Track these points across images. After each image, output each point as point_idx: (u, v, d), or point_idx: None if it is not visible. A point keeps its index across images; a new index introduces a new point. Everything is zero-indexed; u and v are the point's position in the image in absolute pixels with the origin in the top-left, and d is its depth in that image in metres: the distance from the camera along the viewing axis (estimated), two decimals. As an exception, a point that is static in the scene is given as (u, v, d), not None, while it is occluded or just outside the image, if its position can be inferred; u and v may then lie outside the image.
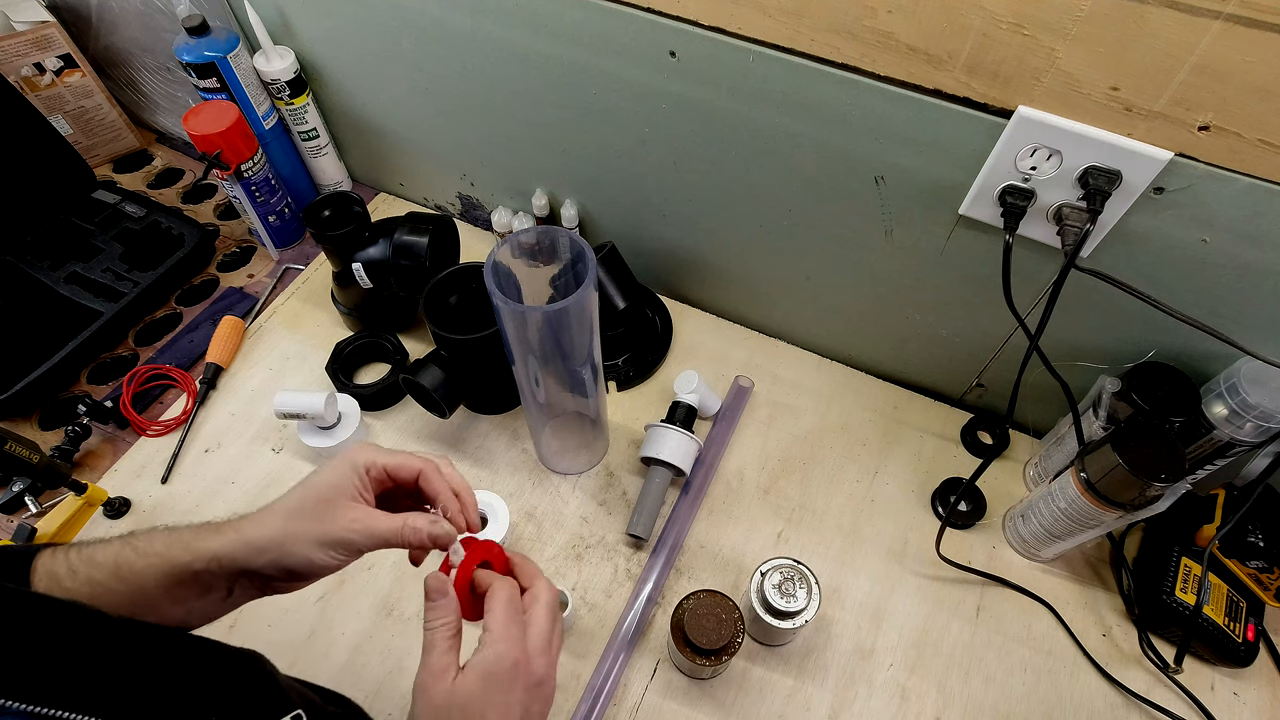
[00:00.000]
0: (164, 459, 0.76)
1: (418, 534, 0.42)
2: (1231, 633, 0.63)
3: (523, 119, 0.77)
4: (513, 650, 0.40)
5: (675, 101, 0.66)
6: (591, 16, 0.63)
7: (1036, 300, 0.65)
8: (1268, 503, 0.67)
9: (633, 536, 0.70)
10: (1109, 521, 0.61)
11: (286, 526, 0.41)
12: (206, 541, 0.41)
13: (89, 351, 0.83)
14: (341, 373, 0.80)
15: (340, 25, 0.78)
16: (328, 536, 0.41)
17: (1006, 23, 0.48)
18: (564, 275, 0.61)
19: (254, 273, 0.93)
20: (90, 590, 0.39)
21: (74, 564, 0.40)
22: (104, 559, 0.40)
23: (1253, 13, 0.42)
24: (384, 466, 0.44)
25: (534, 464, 0.77)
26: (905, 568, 0.71)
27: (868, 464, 0.77)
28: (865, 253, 0.70)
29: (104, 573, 0.40)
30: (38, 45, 0.90)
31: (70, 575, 0.40)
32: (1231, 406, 0.59)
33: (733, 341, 0.87)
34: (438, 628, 0.41)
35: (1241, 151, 0.48)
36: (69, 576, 0.40)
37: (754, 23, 0.57)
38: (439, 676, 0.39)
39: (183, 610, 0.42)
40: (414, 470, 0.45)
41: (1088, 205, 0.53)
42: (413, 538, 0.42)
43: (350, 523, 0.41)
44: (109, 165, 1.03)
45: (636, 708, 0.62)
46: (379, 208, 1.01)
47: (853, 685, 0.64)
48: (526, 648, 0.41)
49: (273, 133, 0.88)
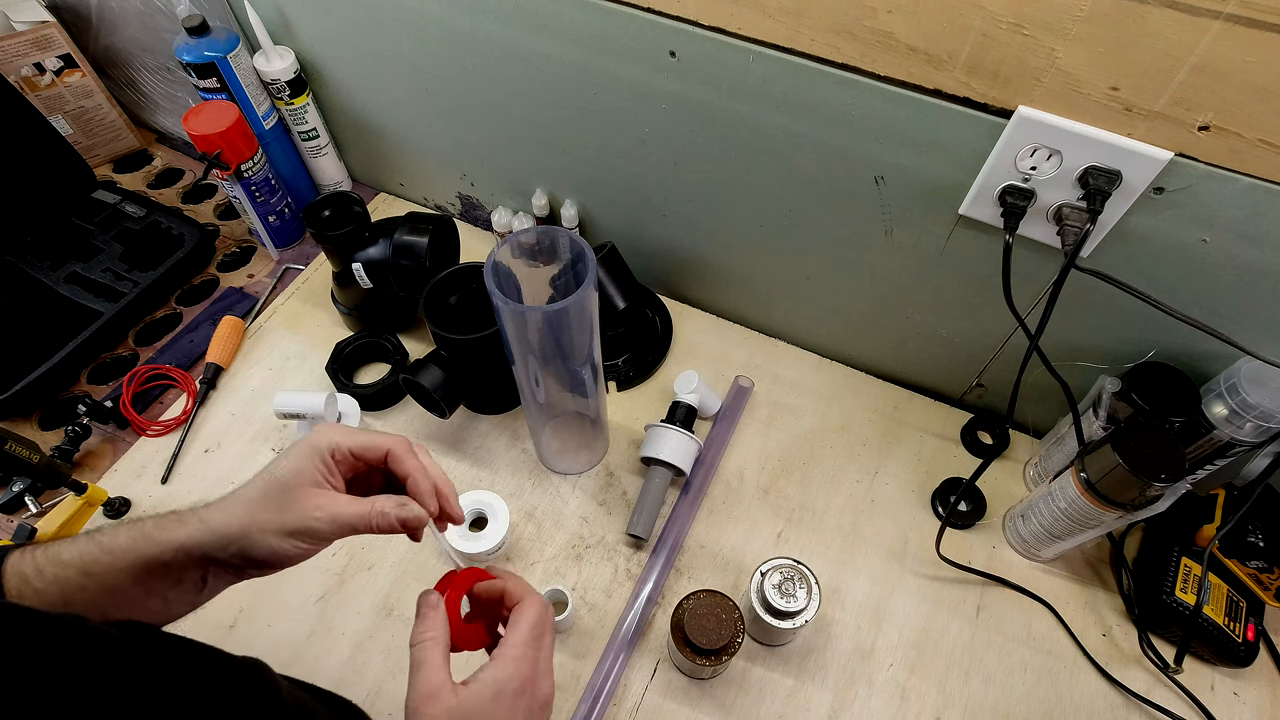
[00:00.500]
0: (164, 459, 0.76)
1: (385, 518, 0.40)
2: (1231, 633, 0.63)
3: (523, 119, 0.77)
4: (525, 670, 0.40)
5: (675, 101, 0.66)
6: (591, 16, 0.63)
7: (1036, 300, 0.65)
8: (1268, 503, 0.67)
9: (633, 536, 0.70)
10: (1109, 521, 0.61)
11: (249, 516, 0.40)
12: (172, 533, 0.40)
13: (89, 351, 0.83)
14: (341, 373, 0.80)
15: (340, 25, 0.78)
16: (290, 525, 0.39)
17: (1006, 23, 0.48)
18: (564, 275, 0.61)
19: (254, 273, 0.93)
20: (60, 590, 0.38)
21: (41, 564, 0.39)
22: (70, 558, 0.39)
23: (1253, 13, 0.42)
24: (349, 449, 0.42)
25: (534, 464, 0.77)
26: (905, 568, 0.71)
27: (868, 464, 0.77)
28: (865, 253, 0.70)
29: (72, 571, 0.39)
30: (38, 45, 0.90)
31: (38, 576, 0.39)
32: (1231, 406, 0.59)
33: (733, 341, 0.87)
34: (426, 642, 0.39)
35: (1241, 151, 0.48)
36: (37, 577, 0.39)
37: (754, 23, 0.57)
38: (433, 697, 0.37)
39: (160, 602, 0.41)
40: (381, 450, 0.43)
41: (1088, 205, 0.53)
42: (380, 522, 0.40)
43: (313, 510, 0.39)
44: (109, 165, 1.04)
45: (636, 708, 0.62)
46: (379, 208, 1.01)
47: (853, 685, 0.64)
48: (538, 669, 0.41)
49: (273, 133, 0.88)
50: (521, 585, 0.44)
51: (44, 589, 0.38)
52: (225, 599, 0.45)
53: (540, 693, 0.40)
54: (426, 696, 0.37)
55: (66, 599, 0.39)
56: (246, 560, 0.40)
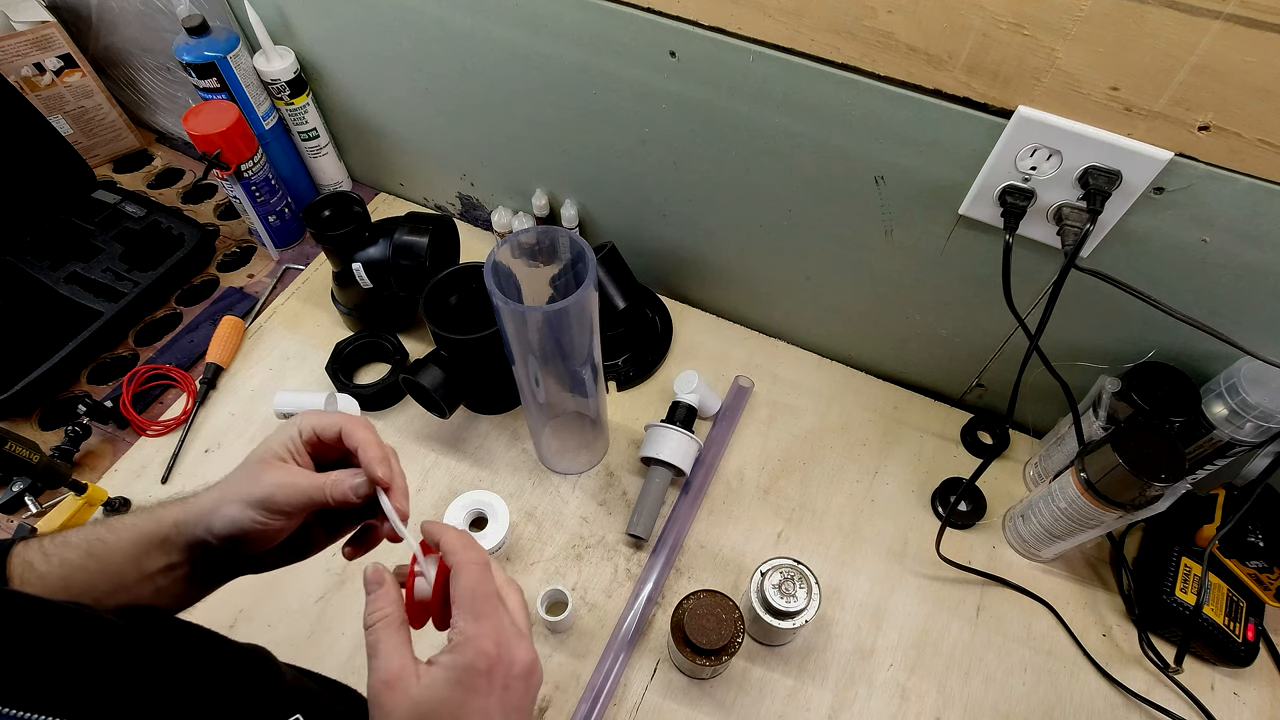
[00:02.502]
0: (164, 459, 0.76)
1: (338, 486, 0.41)
2: (1231, 633, 0.63)
3: (523, 119, 0.77)
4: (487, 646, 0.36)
5: (675, 101, 0.66)
6: (591, 16, 0.63)
7: (1036, 300, 0.65)
8: (1268, 503, 0.67)
9: (633, 536, 0.70)
10: (1109, 521, 0.61)
11: (221, 491, 0.41)
12: (170, 510, 0.42)
13: (89, 351, 0.83)
14: (341, 373, 0.80)
15: (340, 25, 0.78)
16: (252, 496, 0.40)
17: (1006, 23, 0.48)
18: (564, 275, 0.61)
19: (254, 273, 0.93)
20: (63, 572, 0.39)
21: (48, 549, 0.40)
22: (78, 540, 0.41)
23: (1253, 13, 0.42)
24: (313, 427, 0.43)
25: (534, 464, 0.77)
26: (905, 568, 0.71)
27: (868, 464, 0.77)
28: (865, 253, 0.70)
29: (77, 553, 0.40)
30: (38, 45, 0.90)
31: (44, 560, 0.40)
32: (1231, 406, 0.59)
33: (733, 341, 0.87)
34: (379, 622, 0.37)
35: (1241, 151, 0.48)
36: (43, 561, 0.40)
37: (754, 23, 0.57)
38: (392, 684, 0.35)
39: (150, 588, 0.41)
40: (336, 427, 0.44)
41: (1088, 205, 0.53)
42: (335, 491, 0.41)
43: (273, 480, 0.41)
44: (109, 165, 1.04)
45: (636, 708, 0.62)
46: (379, 208, 1.01)
47: (853, 685, 0.64)
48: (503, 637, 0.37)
49: (273, 133, 0.88)
50: (453, 546, 0.40)
51: (47, 572, 0.39)
52: (225, 599, 0.45)
53: (516, 661, 0.37)
54: (386, 684, 0.35)
55: (67, 581, 0.39)
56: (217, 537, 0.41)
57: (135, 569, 0.41)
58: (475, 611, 0.37)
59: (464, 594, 0.38)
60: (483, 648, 0.36)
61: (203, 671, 0.37)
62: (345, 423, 0.44)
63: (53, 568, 0.39)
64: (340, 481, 0.41)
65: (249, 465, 0.42)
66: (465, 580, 0.38)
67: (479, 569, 0.39)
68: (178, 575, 0.42)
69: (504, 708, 0.37)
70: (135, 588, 0.41)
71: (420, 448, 0.77)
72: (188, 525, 0.41)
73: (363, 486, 0.42)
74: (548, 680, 0.63)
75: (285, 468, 0.42)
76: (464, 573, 0.39)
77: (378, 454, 0.42)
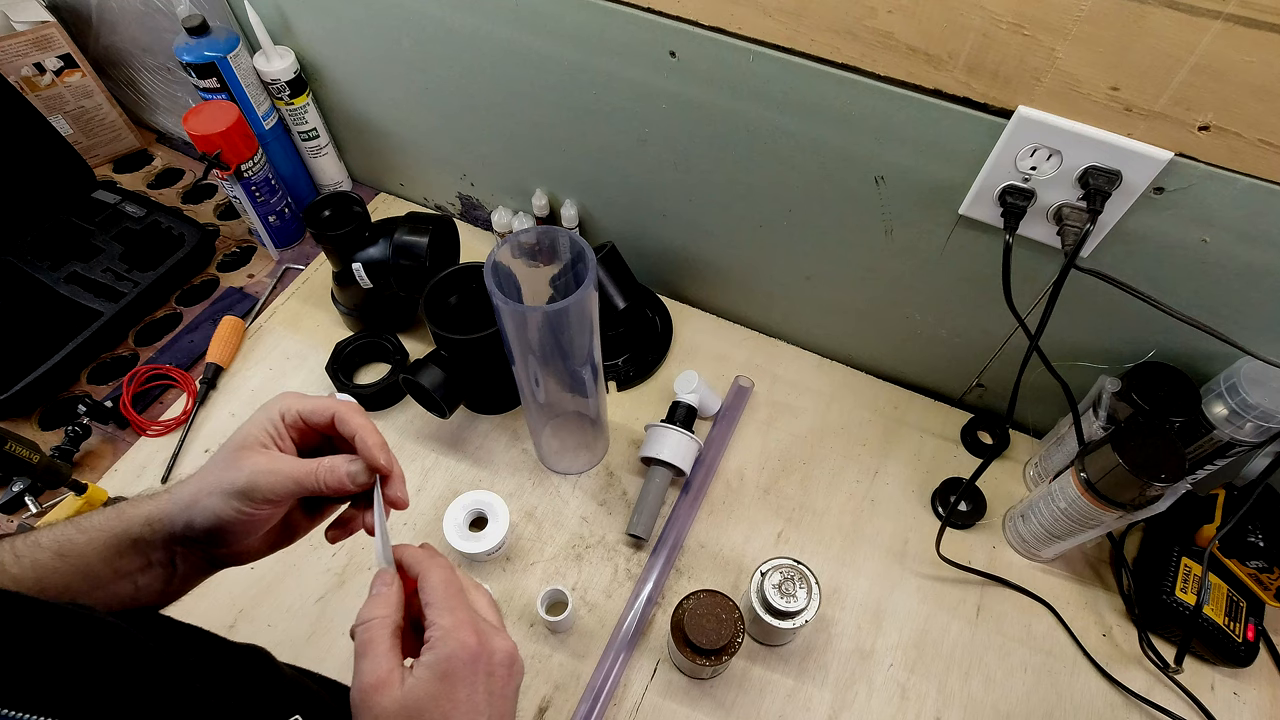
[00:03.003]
0: (164, 459, 0.76)
1: (333, 472, 0.39)
2: (1231, 633, 0.63)
3: (523, 119, 0.77)
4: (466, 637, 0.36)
5: (675, 101, 0.66)
6: (591, 16, 0.63)
7: (1036, 300, 0.65)
8: (1268, 503, 0.67)
9: (633, 536, 0.70)
10: (1109, 521, 0.61)
11: (200, 481, 0.39)
12: (140, 507, 0.40)
13: (89, 351, 0.83)
14: (341, 373, 0.80)
15: (340, 25, 0.78)
16: (233, 485, 0.38)
17: (1006, 23, 0.48)
18: (564, 275, 0.61)
19: (254, 273, 0.93)
20: (35, 574, 0.38)
21: (19, 550, 0.39)
22: (48, 541, 0.39)
23: (1253, 13, 0.42)
24: (298, 411, 0.41)
25: (534, 464, 0.77)
26: (905, 568, 0.71)
27: (868, 464, 0.77)
28: (865, 253, 0.70)
29: (47, 554, 0.39)
30: (38, 45, 0.90)
31: (15, 561, 0.39)
32: (1231, 406, 0.59)
33: (733, 341, 0.87)
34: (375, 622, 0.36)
35: (1241, 151, 0.48)
36: (14, 563, 0.38)
37: (754, 23, 0.57)
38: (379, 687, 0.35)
39: (129, 586, 0.40)
40: (328, 413, 0.42)
41: (1088, 205, 0.53)
42: (328, 477, 0.39)
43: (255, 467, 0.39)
44: (109, 165, 1.03)
45: (636, 708, 0.62)
46: (379, 208, 1.01)
47: (853, 685, 0.64)
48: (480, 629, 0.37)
49: (273, 133, 0.88)
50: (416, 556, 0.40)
51: (20, 574, 0.38)
52: (225, 599, 0.45)
53: (497, 649, 0.37)
54: (373, 686, 0.35)
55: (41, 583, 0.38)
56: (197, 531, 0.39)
57: (109, 569, 0.40)
58: (449, 605, 0.37)
59: (436, 591, 0.38)
60: (462, 638, 0.36)
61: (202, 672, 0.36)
62: (339, 408, 0.42)
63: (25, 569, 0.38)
64: (335, 468, 0.40)
65: (227, 452, 0.40)
66: (434, 578, 0.38)
67: (446, 569, 0.39)
68: (157, 573, 0.41)
69: (490, 695, 0.36)
70: (113, 586, 0.40)
71: (420, 448, 0.77)
72: (164, 521, 0.40)
73: (361, 474, 0.40)
74: (548, 680, 0.63)
75: (268, 454, 0.40)
76: (432, 572, 0.38)
77: (377, 440, 0.41)
